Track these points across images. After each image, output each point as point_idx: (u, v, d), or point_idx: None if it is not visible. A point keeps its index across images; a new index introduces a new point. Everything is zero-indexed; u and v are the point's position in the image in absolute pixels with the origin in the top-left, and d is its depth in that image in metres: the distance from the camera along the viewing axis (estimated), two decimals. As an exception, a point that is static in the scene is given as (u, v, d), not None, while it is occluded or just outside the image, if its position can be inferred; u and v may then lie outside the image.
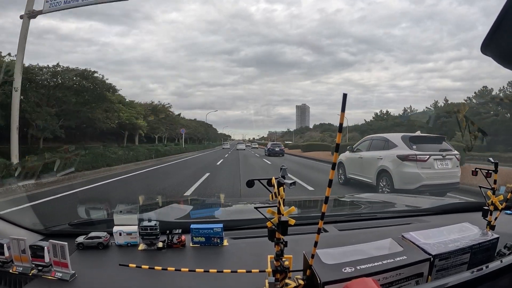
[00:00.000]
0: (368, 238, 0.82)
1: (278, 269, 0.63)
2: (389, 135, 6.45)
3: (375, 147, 6.44)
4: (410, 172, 5.34)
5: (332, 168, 0.54)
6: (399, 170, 5.46)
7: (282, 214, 0.59)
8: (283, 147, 23.95)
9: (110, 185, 7.61)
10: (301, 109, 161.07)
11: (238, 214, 1.63)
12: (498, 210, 0.93)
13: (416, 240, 0.74)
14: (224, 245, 0.94)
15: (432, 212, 1.40)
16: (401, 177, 5.41)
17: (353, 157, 7.05)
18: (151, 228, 0.90)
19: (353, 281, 0.55)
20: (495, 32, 0.47)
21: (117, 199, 5.69)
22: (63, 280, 0.72)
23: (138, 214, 1.22)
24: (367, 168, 6.38)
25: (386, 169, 5.72)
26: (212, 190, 6.58)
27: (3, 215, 1.01)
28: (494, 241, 0.79)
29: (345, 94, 0.50)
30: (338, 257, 0.65)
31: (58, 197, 5.66)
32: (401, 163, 5.46)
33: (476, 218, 1.03)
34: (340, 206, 1.81)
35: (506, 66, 0.54)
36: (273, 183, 0.61)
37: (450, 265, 0.71)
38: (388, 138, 6.20)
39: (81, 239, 0.92)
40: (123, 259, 0.86)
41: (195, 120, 45.68)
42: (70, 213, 1.66)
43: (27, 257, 0.74)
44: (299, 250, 0.67)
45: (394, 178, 5.50)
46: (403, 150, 5.56)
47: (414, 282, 0.66)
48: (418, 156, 5.36)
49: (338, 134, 0.53)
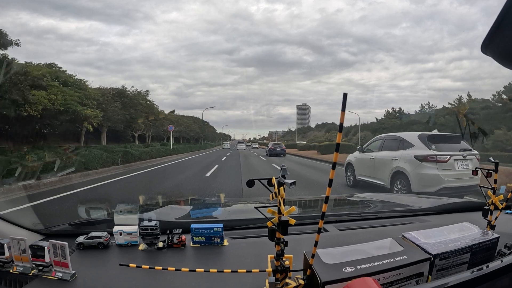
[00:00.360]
0: (369, 238, 0.82)
1: (279, 268, 0.63)
2: (404, 134, 6.03)
3: (389, 147, 6.00)
4: (429, 174, 4.90)
5: (332, 167, 0.54)
6: (417, 172, 5.04)
7: (282, 214, 0.59)
8: (284, 147, 23.62)
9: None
10: (302, 109, 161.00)
11: (238, 214, 1.63)
12: (498, 209, 0.93)
13: (416, 240, 0.74)
14: (224, 245, 0.94)
15: (432, 211, 1.40)
16: (419, 179, 5.00)
17: (364, 158, 6.62)
18: (151, 228, 0.90)
19: (354, 281, 0.55)
20: (495, 31, 0.47)
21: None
22: (64, 280, 0.72)
23: (138, 214, 1.22)
24: (380, 169, 5.96)
25: (402, 170, 5.29)
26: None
27: (3, 215, 1.01)
28: (494, 240, 0.79)
29: (345, 94, 0.50)
30: (339, 256, 0.65)
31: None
32: (419, 164, 5.05)
33: (477, 217, 1.03)
34: (340, 206, 1.81)
35: (506, 65, 0.54)
36: (274, 183, 0.61)
37: (450, 265, 0.71)
38: (403, 137, 5.74)
39: (81, 239, 0.92)
40: (124, 259, 0.86)
41: (187, 116, 38.12)
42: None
43: (27, 257, 0.74)
44: (300, 249, 0.67)
45: (412, 180, 5.08)
46: (422, 150, 5.14)
47: (414, 281, 0.66)
48: (438, 156, 4.94)
49: (338, 134, 0.53)
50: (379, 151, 6.23)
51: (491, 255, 0.79)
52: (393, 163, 5.58)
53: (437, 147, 5.14)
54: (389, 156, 5.77)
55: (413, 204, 1.58)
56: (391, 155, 5.73)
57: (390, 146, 5.99)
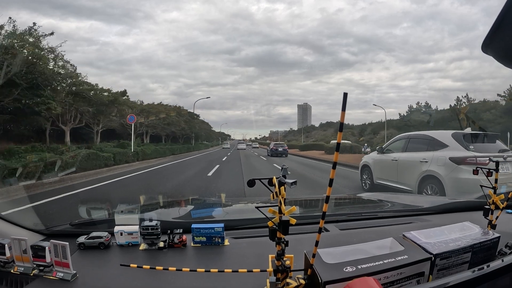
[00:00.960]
0: (369, 238, 0.82)
1: (279, 268, 0.63)
2: (434, 132, 5.32)
3: (415, 147, 5.31)
4: (468, 179, 4.08)
5: (332, 167, 0.54)
6: (453, 177, 4.32)
7: (283, 214, 0.59)
8: (287, 147, 23.29)
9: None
10: (302, 108, 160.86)
11: (239, 213, 1.64)
12: (499, 209, 0.93)
13: (417, 239, 0.74)
14: (225, 245, 0.94)
15: (433, 211, 1.40)
16: (456, 185, 4.29)
17: (384, 160, 5.95)
18: (152, 228, 0.90)
19: (354, 281, 0.55)
20: (496, 31, 0.47)
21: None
22: (65, 280, 0.72)
23: (139, 214, 1.22)
24: (405, 173, 5.26)
25: (434, 174, 4.59)
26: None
27: (4, 215, 1.01)
28: (495, 240, 0.79)
29: (346, 94, 0.50)
30: (339, 256, 0.65)
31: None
32: (456, 167, 4.33)
33: (477, 217, 1.03)
34: (341, 206, 1.81)
35: (507, 65, 0.54)
36: (274, 183, 0.61)
37: (451, 264, 0.71)
38: (434, 136, 5.03)
39: (82, 239, 0.92)
40: (124, 259, 0.86)
41: (166, 105, 26.34)
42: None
43: (28, 257, 0.74)
44: (300, 249, 0.67)
45: (447, 186, 4.37)
46: (458, 151, 4.44)
47: (415, 281, 0.66)
48: (478, 158, 4.23)
49: (338, 133, 0.53)
50: (403, 152, 5.55)
51: (492, 255, 0.79)
52: (422, 166, 4.86)
53: (475, 148, 4.46)
54: (416, 158, 5.05)
55: (414, 204, 1.58)
56: (419, 156, 5.01)
57: (417, 146, 5.28)
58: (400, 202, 1.71)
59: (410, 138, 5.66)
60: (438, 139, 4.90)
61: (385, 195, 2.08)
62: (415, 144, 5.41)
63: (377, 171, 6.17)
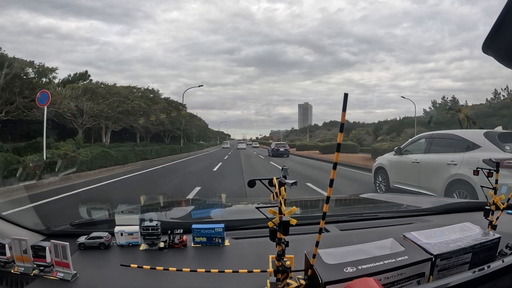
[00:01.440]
0: (370, 238, 0.82)
1: (280, 269, 0.63)
2: (463, 131, 4.87)
3: (440, 148, 4.78)
4: (505, 184, 3.50)
5: (333, 167, 0.54)
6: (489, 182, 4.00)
7: (283, 214, 0.59)
8: (288, 147, 22.96)
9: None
10: (303, 108, 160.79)
11: (239, 214, 1.64)
12: (500, 209, 0.93)
13: (417, 240, 0.74)
14: (225, 245, 0.94)
15: (434, 211, 1.40)
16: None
17: (403, 161, 5.43)
18: (152, 228, 0.90)
19: (355, 281, 0.55)
20: (496, 31, 0.47)
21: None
22: (65, 280, 0.72)
23: (139, 214, 1.22)
24: (430, 176, 4.74)
25: (465, 179, 4.06)
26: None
27: (4, 216, 1.01)
28: (495, 240, 0.79)
29: (346, 94, 0.50)
30: (340, 257, 0.65)
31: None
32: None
33: (478, 217, 1.03)
34: (341, 206, 1.81)
35: (507, 65, 0.54)
36: (274, 183, 0.61)
37: (451, 265, 0.71)
38: (463, 136, 4.52)
39: (82, 239, 0.92)
40: (125, 259, 0.86)
41: (128, 86, 18.26)
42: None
43: (28, 257, 0.74)
44: (301, 250, 0.67)
45: (480, 191, 3.60)
46: (493, 152, 3.94)
47: (415, 282, 0.66)
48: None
49: (339, 133, 0.53)
50: (425, 154, 5.04)
51: (492, 255, 0.79)
52: (450, 169, 4.35)
53: (511, 149, 3.98)
54: (443, 160, 4.55)
55: (414, 204, 1.58)
56: (446, 158, 4.51)
57: (443, 147, 4.76)
58: (400, 203, 1.71)
59: (433, 137, 5.10)
60: (469, 139, 4.38)
61: (386, 196, 2.08)
62: (440, 144, 4.88)
63: (394, 174, 5.65)
